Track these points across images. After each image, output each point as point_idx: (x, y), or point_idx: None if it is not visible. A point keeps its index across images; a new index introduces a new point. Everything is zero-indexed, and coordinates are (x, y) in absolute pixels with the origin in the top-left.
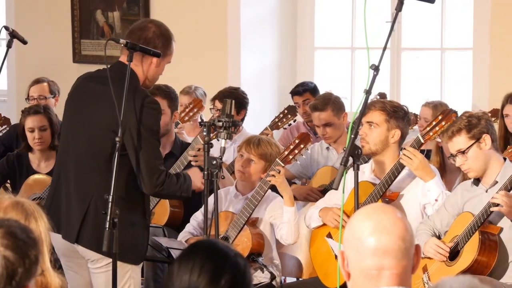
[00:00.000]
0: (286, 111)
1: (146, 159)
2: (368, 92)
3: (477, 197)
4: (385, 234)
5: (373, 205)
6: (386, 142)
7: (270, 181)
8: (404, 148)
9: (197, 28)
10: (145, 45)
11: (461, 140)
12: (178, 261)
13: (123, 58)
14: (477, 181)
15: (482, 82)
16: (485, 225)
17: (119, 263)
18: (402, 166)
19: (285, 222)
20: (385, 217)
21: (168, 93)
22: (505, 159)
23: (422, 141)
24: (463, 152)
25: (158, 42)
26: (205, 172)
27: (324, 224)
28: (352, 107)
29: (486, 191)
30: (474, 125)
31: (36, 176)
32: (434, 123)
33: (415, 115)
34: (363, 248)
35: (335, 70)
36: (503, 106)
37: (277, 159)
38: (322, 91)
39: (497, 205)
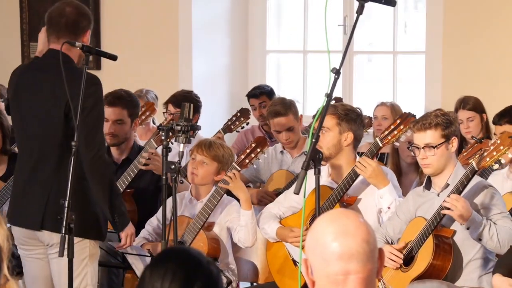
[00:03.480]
0: (238, 114)
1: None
2: (329, 96)
3: (429, 202)
4: (349, 238)
5: (335, 210)
6: (339, 145)
7: (224, 184)
8: (362, 153)
9: (148, 31)
10: (72, 28)
11: (433, 135)
12: (150, 268)
13: (54, 46)
14: (428, 185)
15: (435, 86)
16: (438, 228)
17: (79, 242)
18: (358, 173)
19: (242, 225)
20: (348, 221)
21: (129, 102)
22: (457, 162)
23: (381, 145)
24: (432, 147)
25: (83, 22)
26: (164, 177)
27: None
28: (305, 110)
29: (438, 195)
30: (449, 124)
31: None
32: (392, 127)
33: (370, 118)
34: (328, 254)
35: (287, 73)
36: (456, 111)
37: (233, 163)
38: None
39: (448, 208)
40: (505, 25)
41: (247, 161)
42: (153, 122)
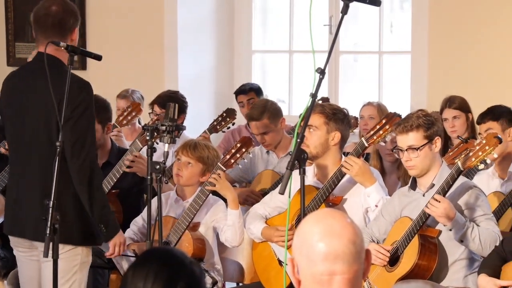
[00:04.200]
0: (224, 114)
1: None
2: (314, 96)
3: (415, 202)
4: (335, 238)
5: (322, 210)
6: (326, 145)
7: (210, 186)
8: (347, 153)
9: (134, 31)
10: (59, 28)
11: (416, 137)
12: (132, 268)
13: (42, 48)
14: (414, 185)
15: (420, 85)
16: (423, 228)
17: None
18: (344, 172)
19: (229, 225)
20: (334, 221)
21: (97, 108)
22: (442, 162)
23: (366, 144)
24: (416, 149)
25: (70, 20)
26: (149, 177)
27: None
28: (290, 110)
29: (423, 195)
30: (431, 125)
31: None
32: (378, 126)
33: (355, 118)
34: (314, 254)
35: (273, 73)
36: (441, 110)
37: (218, 163)
38: None
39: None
40: (490, 25)
41: (232, 161)
42: (139, 122)
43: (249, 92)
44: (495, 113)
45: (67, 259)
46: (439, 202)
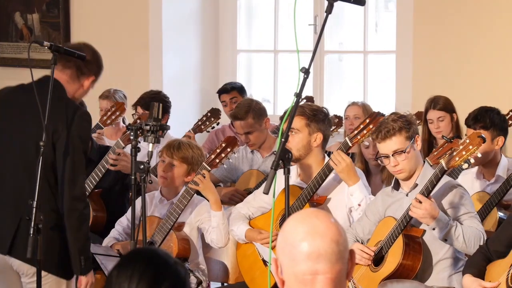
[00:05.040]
0: (209, 114)
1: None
2: (298, 96)
3: (398, 202)
4: (318, 238)
5: (306, 210)
6: (309, 146)
7: (194, 185)
8: (330, 152)
9: (118, 30)
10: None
11: (399, 140)
12: (117, 269)
13: (57, 75)
14: (397, 185)
15: (405, 85)
16: (408, 228)
17: (55, 278)
18: (329, 170)
19: (214, 226)
20: (317, 221)
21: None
22: (424, 161)
23: (350, 144)
24: (403, 152)
25: (93, 65)
26: (133, 177)
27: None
28: (275, 110)
29: (407, 195)
30: (410, 125)
31: None
32: (361, 126)
33: (339, 118)
34: (297, 253)
35: (258, 73)
36: (426, 111)
37: (203, 163)
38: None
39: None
40: (475, 25)
41: (217, 161)
42: (123, 122)
43: (231, 91)
44: (487, 121)
45: (55, 282)
46: (421, 203)
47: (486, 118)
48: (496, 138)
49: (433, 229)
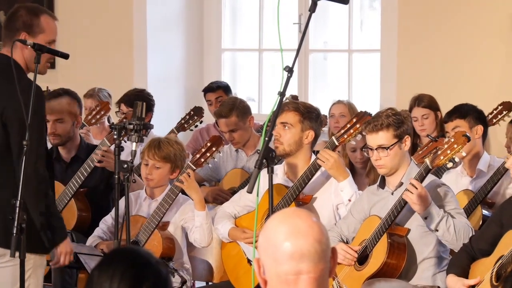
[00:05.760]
0: (192, 113)
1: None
2: (282, 94)
3: (383, 200)
4: (301, 237)
5: (287, 209)
6: (300, 142)
7: (179, 184)
8: (317, 151)
9: (103, 29)
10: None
11: (386, 136)
12: (98, 268)
13: (4, 51)
14: (382, 183)
15: (390, 84)
16: (392, 227)
17: (35, 257)
18: (316, 169)
19: (197, 226)
20: (300, 221)
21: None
22: (410, 160)
23: (337, 143)
24: (385, 148)
25: (27, 20)
26: (116, 176)
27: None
28: (260, 109)
29: (392, 194)
30: (401, 124)
31: None
32: (348, 125)
33: (325, 116)
34: (279, 253)
35: (243, 71)
36: (410, 109)
37: (188, 163)
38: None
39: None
40: (459, 23)
41: (202, 160)
42: (109, 121)
43: (217, 90)
44: (461, 111)
45: (18, 265)
46: (416, 188)
47: (461, 109)
48: (474, 127)
49: (425, 218)
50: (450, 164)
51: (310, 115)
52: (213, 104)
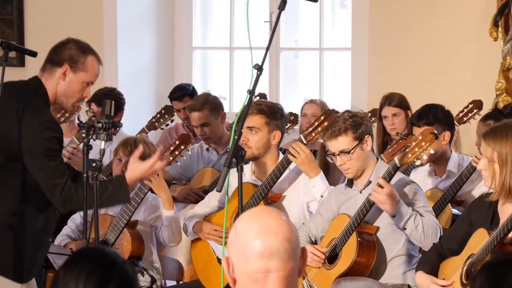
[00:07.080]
0: (163, 111)
1: (42, 181)
2: (251, 93)
3: (352, 199)
4: (270, 236)
5: (258, 208)
6: (268, 144)
7: (148, 182)
8: (285, 149)
9: (72, 27)
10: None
11: (345, 140)
12: (64, 268)
13: (39, 75)
14: (350, 182)
15: (361, 82)
16: (361, 225)
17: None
18: (284, 168)
19: (166, 225)
20: (270, 219)
21: None
22: (377, 159)
23: (305, 142)
24: (347, 153)
25: (74, 54)
26: (84, 175)
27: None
28: (231, 107)
29: (360, 192)
30: (359, 125)
31: None
32: (316, 123)
33: (295, 115)
34: (249, 252)
35: (214, 70)
36: (381, 108)
37: None
38: (200, 91)
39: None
40: (430, 23)
41: (170, 158)
42: (78, 119)
43: (183, 98)
44: (430, 118)
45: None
46: (383, 188)
47: (429, 115)
48: (441, 133)
49: (393, 216)
50: (418, 162)
51: (275, 116)
52: (181, 111)
